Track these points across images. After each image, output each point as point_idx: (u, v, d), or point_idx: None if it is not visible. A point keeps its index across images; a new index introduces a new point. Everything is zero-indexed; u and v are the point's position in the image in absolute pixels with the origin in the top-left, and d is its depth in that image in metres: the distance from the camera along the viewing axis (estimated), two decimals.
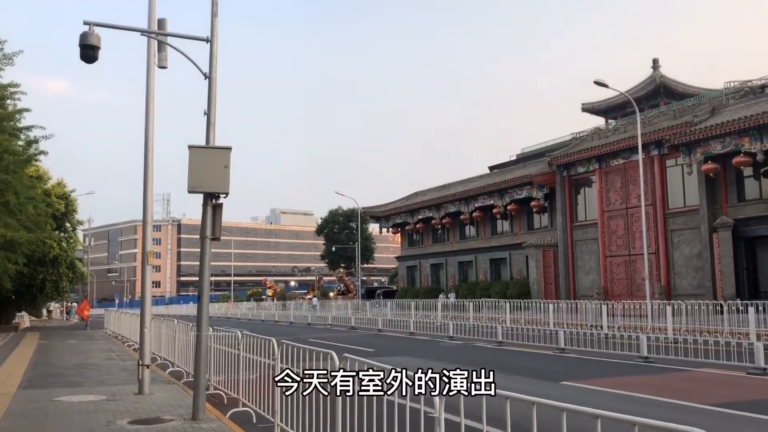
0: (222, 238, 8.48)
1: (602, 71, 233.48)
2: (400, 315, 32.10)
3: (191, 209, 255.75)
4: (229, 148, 8.76)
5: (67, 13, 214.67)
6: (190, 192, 8.65)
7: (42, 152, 23.96)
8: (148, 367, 10.70)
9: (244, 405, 8.98)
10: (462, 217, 48.02)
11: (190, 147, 8.64)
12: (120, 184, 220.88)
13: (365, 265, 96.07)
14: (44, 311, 61.51)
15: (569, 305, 27.26)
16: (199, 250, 9.04)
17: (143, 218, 11.01)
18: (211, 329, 9.86)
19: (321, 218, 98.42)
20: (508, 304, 28.26)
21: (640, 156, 30.73)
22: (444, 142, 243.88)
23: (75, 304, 68.99)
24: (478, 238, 48.88)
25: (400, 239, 59.69)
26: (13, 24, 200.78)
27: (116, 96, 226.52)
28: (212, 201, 8.74)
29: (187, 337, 13.25)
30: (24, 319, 43.02)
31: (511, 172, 46.32)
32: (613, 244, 37.20)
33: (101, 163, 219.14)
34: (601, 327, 22.59)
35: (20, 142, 22.41)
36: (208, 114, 8.99)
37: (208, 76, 9.08)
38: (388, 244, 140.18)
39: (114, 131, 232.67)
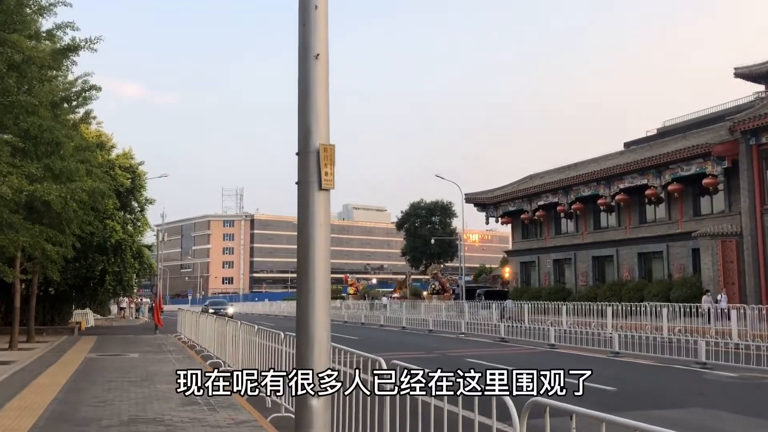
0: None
1: (745, 39, 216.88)
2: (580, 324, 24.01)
3: (264, 204, 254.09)
4: None
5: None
6: None
7: (93, 87, 17.15)
8: None
9: None
10: (600, 201, 39.19)
11: None
12: (191, 179, 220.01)
13: (448, 264, 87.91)
14: (116, 308, 55.83)
15: None
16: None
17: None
18: None
19: (402, 212, 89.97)
20: None
21: None
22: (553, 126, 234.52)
23: (146, 300, 63.44)
24: (620, 227, 39.95)
25: (511, 231, 51.28)
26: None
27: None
28: None
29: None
30: (87, 317, 36.95)
31: (665, 146, 37.31)
32: None
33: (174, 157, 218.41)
34: None
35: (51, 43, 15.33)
36: None
37: None
38: (462, 242, 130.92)
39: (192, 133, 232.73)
